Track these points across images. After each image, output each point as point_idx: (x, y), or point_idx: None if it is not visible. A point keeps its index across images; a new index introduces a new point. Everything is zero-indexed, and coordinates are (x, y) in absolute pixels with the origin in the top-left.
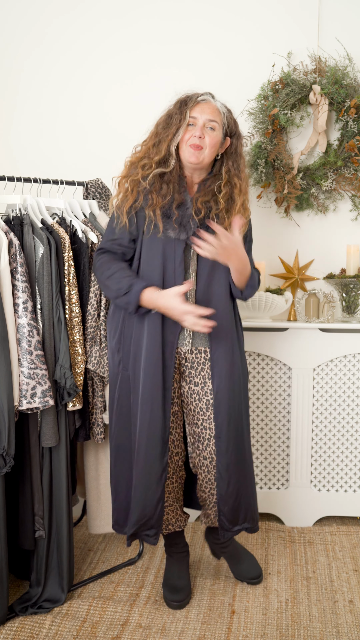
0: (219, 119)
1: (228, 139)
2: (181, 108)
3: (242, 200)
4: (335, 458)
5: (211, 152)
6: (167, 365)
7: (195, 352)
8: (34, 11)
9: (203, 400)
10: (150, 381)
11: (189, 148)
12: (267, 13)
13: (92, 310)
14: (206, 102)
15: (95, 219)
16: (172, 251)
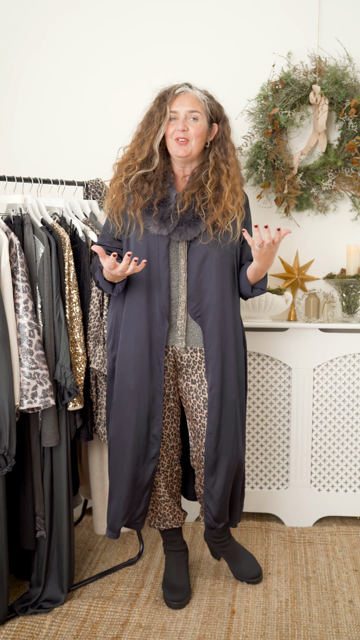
0: (200, 108)
1: (215, 125)
2: (160, 104)
3: (230, 186)
4: (335, 458)
5: (198, 142)
6: (155, 361)
7: (190, 351)
8: (35, 12)
9: (200, 398)
10: (137, 375)
11: (174, 142)
12: (267, 13)
13: (95, 310)
14: (184, 93)
15: (96, 218)
16: (155, 247)
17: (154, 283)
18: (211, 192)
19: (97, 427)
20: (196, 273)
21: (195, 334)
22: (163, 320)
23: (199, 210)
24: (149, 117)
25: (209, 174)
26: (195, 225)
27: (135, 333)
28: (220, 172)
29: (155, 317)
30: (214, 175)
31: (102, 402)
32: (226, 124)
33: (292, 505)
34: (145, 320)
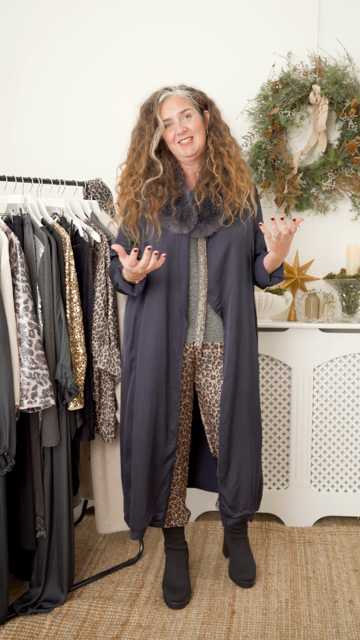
0: (188, 104)
1: (206, 112)
2: (147, 117)
3: (235, 166)
4: (335, 458)
5: (200, 135)
6: (172, 359)
7: (211, 347)
8: (36, 10)
9: (219, 393)
10: (156, 374)
11: (178, 146)
12: (267, 13)
13: (99, 310)
14: (168, 97)
15: (97, 219)
16: (176, 247)
17: (173, 282)
18: (220, 177)
19: (100, 427)
20: (216, 267)
21: (216, 328)
22: (182, 319)
23: (215, 199)
24: (140, 131)
25: (212, 160)
26: (214, 220)
27: (154, 333)
28: (222, 155)
29: (174, 316)
30: (217, 160)
31: (105, 402)
32: (214, 108)
33: (292, 505)
34: (164, 319)
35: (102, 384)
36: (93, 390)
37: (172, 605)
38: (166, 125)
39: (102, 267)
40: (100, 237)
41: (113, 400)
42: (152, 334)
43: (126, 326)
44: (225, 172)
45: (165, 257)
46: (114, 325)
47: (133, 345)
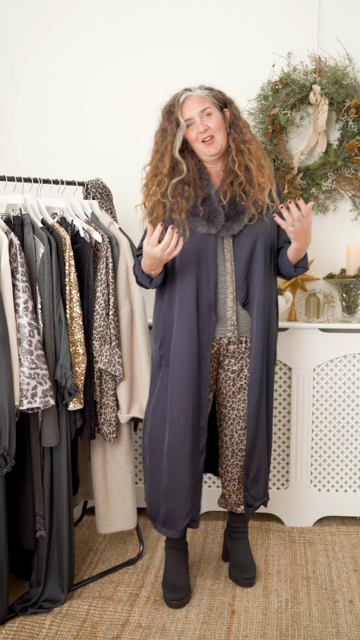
0: (208, 103)
1: (226, 110)
2: (169, 118)
3: (255, 163)
4: (335, 458)
5: (222, 134)
6: (202, 356)
7: (236, 342)
8: (36, 10)
9: (237, 385)
10: (187, 372)
11: (201, 144)
12: (267, 13)
13: (100, 310)
14: (188, 97)
15: (97, 219)
16: (203, 246)
17: (202, 281)
18: (243, 175)
19: (102, 427)
20: (243, 264)
21: (244, 323)
22: (210, 316)
23: (240, 197)
24: (163, 132)
25: (234, 158)
26: (240, 219)
27: (186, 332)
28: (243, 153)
29: (203, 314)
30: (239, 158)
31: (106, 401)
32: (233, 106)
33: (292, 505)
34: (195, 317)
35: (103, 384)
36: (94, 390)
37: (171, 605)
38: (188, 125)
39: (103, 267)
40: (102, 237)
41: (114, 400)
42: (184, 332)
43: (155, 324)
44: (247, 169)
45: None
46: (114, 325)
47: (163, 343)
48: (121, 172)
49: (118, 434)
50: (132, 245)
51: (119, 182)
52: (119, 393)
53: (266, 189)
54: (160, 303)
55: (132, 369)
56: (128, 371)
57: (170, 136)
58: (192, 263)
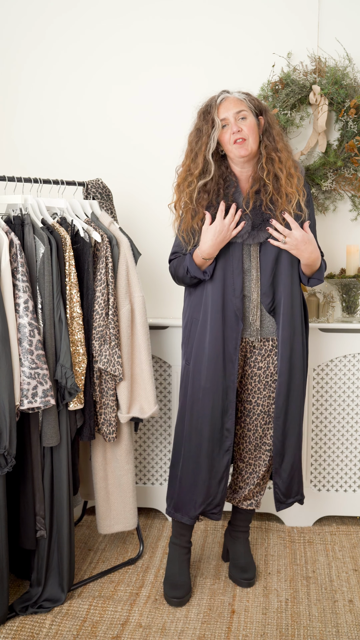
0: (244, 106)
1: (261, 118)
2: (205, 117)
3: (285, 173)
4: (335, 458)
5: (254, 138)
6: (228, 360)
7: (263, 340)
8: (35, 9)
9: (263, 382)
10: (212, 373)
11: (234, 146)
12: (267, 13)
13: (100, 309)
14: (225, 99)
15: (97, 219)
16: (230, 254)
17: (228, 287)
18: (271, 184)
19: (101, 427)
20: (269, 272)
21: (269, 326)
22: (237, 322)
23: (266, 208)
24: (198, 132)
25: (264, 165)
26: (266, 227)
27: (211, 335)
28: (273, 161)
29: (229, 319)
30: (269, 166)
31: (106, 401)
32: (269, 114)
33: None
34: (220, 322)
35: (103, 384)
36: (94, 390)
37: (172, 602)
38: (223, 125)
39: (103, 267)
40: (101, 237)
41: (114, 400)
42: (209, 336)
43: (183, 321)
44: (276, 178)
45: (243, 224)
46: (114, 325)
47: (188, 340)
48: (121, 173)
49: (118, 434)
50: (132, 245)
51: (119, 183)
52: (119, 393)
53: (294, 200)
54: (189, 299)
55: (133, 368)
56: (128, 371)
57: (205, 136)
58: (219, 269)
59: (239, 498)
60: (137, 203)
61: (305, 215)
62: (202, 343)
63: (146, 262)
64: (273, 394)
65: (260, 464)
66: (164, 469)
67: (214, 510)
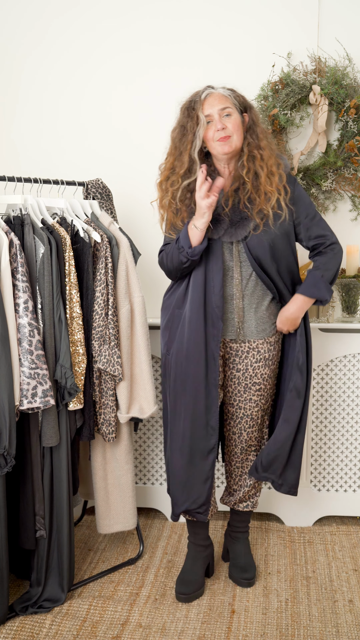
0: (229, 103)
1: (245, 115)
2: (190, 113)
3: (266, 171)
4: (335, 458)
5: (238, 135)
6: (210, 357)
7: (240, 342)
8: (35, 9)
9: (242, 384)
10: (193, 370)
11: (217, 142)
12: (267, 13)
13: (100, 310)
14: (210, 94)
15: (97, 219)
16: (210, 250)
17: (208, 284)
18: (250, 181)
19: (101, 427)
20: (250, 270)
21: (251, 327)
22: (218, 320)
23: (244, 205)
24: (182, 129)
25: (245, 163)
26: (244, 225)
27: (192, 331)
28: (254, 158)
29: (211, 317)
30: (250, 163)
31: (106, 401)
32: (253, 111)
33: (292, 505)
34: (202, 320)
35: (102, 384)
36: (93, 390)
37: (179, 598)
38: (207, 121)
39: (103, 267)
40: (101, 237)
41: (114, 400)
42: (190, 332)
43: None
44: (256, 176)
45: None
46: (114, 325)
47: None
48: (121, 173)
49: (118, 434)
50: (132, 245)
51: (119, 183)
52: (118, 393)
53: (272, 199)
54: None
55: (132, 368)
56: (128, 371)
57: (190, 134)
58: (202, 265)
59: (234, 501)
60: (137, 203)
61: (285, 214)
62: (184, 340)
63: (146, 262)
64: (254, 396)
65: (249, 465)
66: (164, 468)
67: (199, 509)
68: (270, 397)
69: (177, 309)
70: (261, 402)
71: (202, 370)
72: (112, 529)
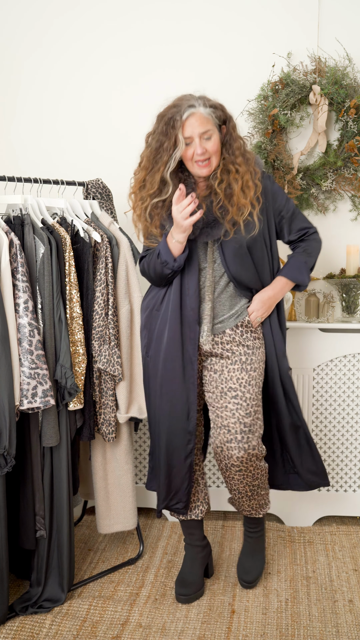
0: (210, 125)
1: (223, 127)
2: (167, 131)
3: (240, 184)
4: (335, 458)
5: (217, 156)
6: (189, 361)
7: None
8: (35, 10)
9: (219, 388)
10: (171, 374)
11: (195, 165)
12: (267, 13)
13: (99, 310)
14: (192, 115)
15: (97, 219)
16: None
17: (184, 285)
18: (222, 192)
19: (101, 427)
20: (222, 271)
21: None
22: (194, 322)
23: (217, 211)
24: (158, 146)
25: (218, 175)
26: (218, 225)
27: (169, 333)
28: (229, 172)
29: (187, 320)
30: (224, 175)
31: (106, 401)
32: (231, 123)
33: (292, 505)
34: (179, 322)
35: (102, 384)
36: (93, 390)
37: (179, 599)
38: (186, 142)
39: (103, 267)
40: (101, 237)
41: (114, 400)
42: (167, 335)
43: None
44: (229, 187)
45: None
46: (114, 325)
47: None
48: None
49: (117, 434)
50: (132, 245)
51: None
52: (118, 393)
53: (245, 212)
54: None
55: (132, 368)
56: (127, 371)
57: (166, 155)
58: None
59: (237, 507)
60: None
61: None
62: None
63: None
64: (230, 404)
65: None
66: None
67: (177, 505)
68: (253, 413)
69: (155, 310)
70: (239, 414)
71: (179, 374)
72: (112, 529)
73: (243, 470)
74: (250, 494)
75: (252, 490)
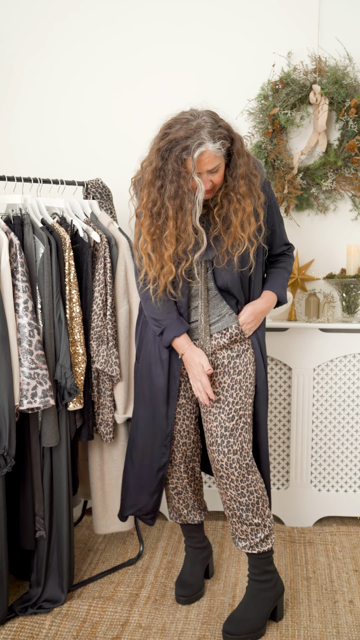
0: (219, 160)
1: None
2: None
3: (240, 217)
4: (335, 458)
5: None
6: (172, 377)
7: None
8: (36, 11)
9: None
10: (154, 388)
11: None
12: (267, 13)
13: (98, 310)
14: (202, 154)
15: (97, 219)
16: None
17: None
18: (219, 222)
19: (99, 427)
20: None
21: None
22: None
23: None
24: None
25: (219, 199)
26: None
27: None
28: (230, 201)
29: None
30: (224, 201)
31: (104, 402)
32: (235, 147)
33: (292, 505)
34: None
35: (100, 384)
36: (92, 391)
37: (179, 600)
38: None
39: (102, 267)
40: (100, 237)
41: (112, 400)
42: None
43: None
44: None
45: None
46: (112, 325)
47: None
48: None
49: (115, 434)
50: (131, 245)
51: (119, 184)
52: (115, 393)
53: (240, 249)
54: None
55: (130, 369)
56: (125, 372)
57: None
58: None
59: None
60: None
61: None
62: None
63: None
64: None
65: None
66: None
67: (146, 516)
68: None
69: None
70: (221, 417)
71: (163, 387)
72: (109, 530)
73: (225, 478)
74: (239, 513)
75: (240, 508)
